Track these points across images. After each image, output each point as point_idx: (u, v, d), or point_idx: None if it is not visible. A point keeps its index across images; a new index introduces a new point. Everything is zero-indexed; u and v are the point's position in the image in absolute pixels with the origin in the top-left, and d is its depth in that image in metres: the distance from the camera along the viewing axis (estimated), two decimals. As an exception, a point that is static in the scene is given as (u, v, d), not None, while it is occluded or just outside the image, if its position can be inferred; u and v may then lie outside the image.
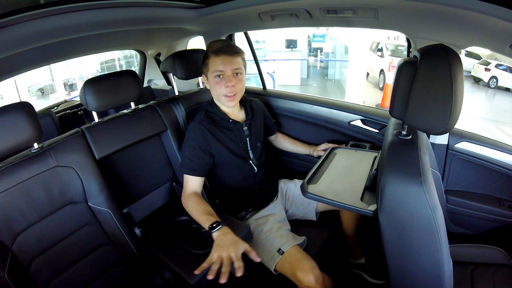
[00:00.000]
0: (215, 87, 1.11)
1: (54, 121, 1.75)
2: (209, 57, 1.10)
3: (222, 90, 1.10)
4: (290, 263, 1.03)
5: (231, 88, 1.09)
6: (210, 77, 1.12)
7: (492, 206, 1.18)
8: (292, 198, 1.34)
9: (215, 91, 1.13)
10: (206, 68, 1.12)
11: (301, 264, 1.01)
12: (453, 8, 0.84)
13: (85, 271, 0.99)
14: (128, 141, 1.15)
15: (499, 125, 6.02)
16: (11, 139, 0.85)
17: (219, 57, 1.08)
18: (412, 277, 0.71)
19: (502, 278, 0.93)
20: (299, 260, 1.03)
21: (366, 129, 1.41)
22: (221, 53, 1.08)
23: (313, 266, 1.01)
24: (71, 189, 0.98)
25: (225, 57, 1.08)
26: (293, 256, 1.05)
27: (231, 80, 1.08)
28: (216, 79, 1.10)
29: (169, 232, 1.06)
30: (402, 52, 7.70)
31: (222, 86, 1.09)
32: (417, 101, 0.66)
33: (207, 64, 1.11)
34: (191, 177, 1.11)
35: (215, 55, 1.09)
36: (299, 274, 0.99)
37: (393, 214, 0.67)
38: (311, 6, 1.13)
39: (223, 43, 1.10)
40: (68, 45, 1.38)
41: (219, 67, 1.08)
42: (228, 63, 1.08)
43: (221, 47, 1.08)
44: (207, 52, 1.12)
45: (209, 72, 1.11)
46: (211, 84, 1.13)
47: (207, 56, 1.12)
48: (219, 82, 1.09)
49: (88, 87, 1.05)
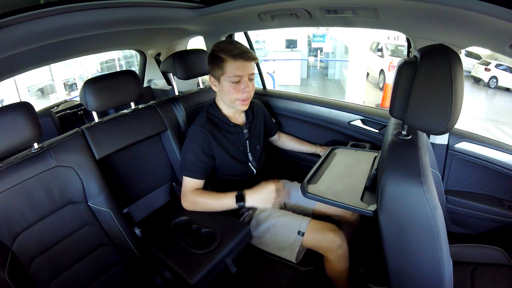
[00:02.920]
0: (230, 91, 1.08)
1: (54, 121, 1.75)
2: (225, 61, 1.05)
3: (239, 95, 1.08)
4: (315, 235, 1.08)
5: (247, 93, 1.09)
6: (224, 81, 1.08)
7: (492, 206, 1.18)
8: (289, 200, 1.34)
9: (229, 95, 1.10)
10: (221, 71, 1.07)
11: (326, 228, 1.08)
12: (453, 8, 0.84)
13: (85, 271, 0.99)
14: (128, 141, 1.15)
15: (499, 125, 6.02)
16: (11, 139, 0.85)
17: (238, 62, 1.05)
18: (412, 277, 0.71)
19: (502, 278, 0.93)
20: (323, 227, 1.09)
21: (366, 129, 1.41)
22: (240, 58, 1.05)
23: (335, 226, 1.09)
24: (71, 189, 0.98)
25: (244, 62, 1.06)
26: (315, 227, 1.09)
27: (248, 86, 1.08)
28: (232, 84, 1.07)
29: (169, 232, 1.06)
30: (402, 52, 7.69)
31: (239, 91, 1.08)
32: (417, 101, 0.66)
33: (223, 68, 1.06)
34: (193, 180, 1.11)
35: (234, 59, 1.05)
36: (329, 236, 1.06)
37: (393, 214, 0.67)
38: (311, 6, 1.13)
39: (241, 47, 1.07)
40: (68, 45, 1.38)
41: (237, 72, 1.05)
42: (246, 68, 1.06)
43: (241, 52, 1.05)
44: (221, 54, 1.07)
45: (224, 75, 1.07)
46: (225, 88, 1.09)
47: (222, 58, 1.06)
48: (236, 87, 1.07)
49: (88, 87, 1.05)
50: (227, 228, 1.02)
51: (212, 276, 0.93)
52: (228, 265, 0.96)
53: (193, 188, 1.11)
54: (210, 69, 1.12)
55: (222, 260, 0.94)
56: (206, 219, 1.08)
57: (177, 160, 1.28)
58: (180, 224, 1.11)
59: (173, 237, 1.03)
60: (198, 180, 1.11)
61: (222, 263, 0.95)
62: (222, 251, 0.94)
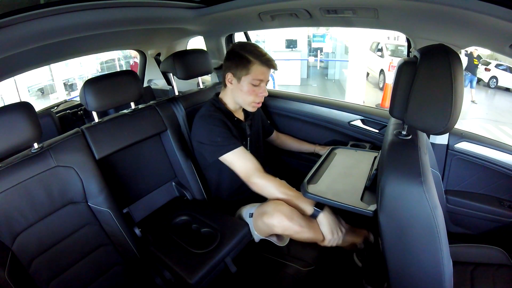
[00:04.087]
0: (248, 93, 1.13)
1: (54, 121, 1.75)
2: (252, 63, 1.10)
3: (255, 98, 1.14)
4: (259, 218, 1.04)
5: (262, 97, 1.15)
6: (245, 82, 1.12)
7: (492, 206, 1.18)
8: None
9: (246, 96, 1.14)
10: (245, 71, 1.10)
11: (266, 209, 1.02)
12: (453, 8, 0.84)
13: (85, 271, 0.99)
14: (128, 141, 1.15)
15: (499, 125, 6.02)
16: (11, 139, 0.85)
17: (264, 68, 1.10)
18: (412, 277, 0.71)
19: (502, 278, 0.93)
20: (265, 207, 1.03)
21: (366, 129, 1.41)
22: (267, 64, 1.10)
23: (279, 204, 1.00)
24: (71, 189, 0.98)
25: (268, 69, 1.12)
26: (260, 210, 1.05)
27: (265, 91, 1.14)
28: (252, 86, 1.12)
29: (169, 232, 1.06)
30: (402, 52, 7.69)
31: (257, 94, 1.13)
32: (417, 101, 0.66)
33: (248, 69, 1.10)
34: (237, 150, 1.09)
35: (262, 63, 1.10)
36: (265, 220, 1.00)
37: (393, 214, 0.67)
38: (311, 6, 1.13)
39: (267, 54, 1.12)
40: (68, 45, 1.38)
41: (261, 76, 1.11)
42: (267, 75, 1.13)
43: (269, 59, 1.11)
44: (249, 55, 1.10)
45: (247, 76, 1.11)
46: (244, 88, 1.13)
47: (249, 60, 1.09)
48: (255, 90, 1.12)
49: (88, 87, 1.05)
50: (227, 228, 1.02)
51: (212, 275, 0.93)
52: (228, 264, 0.96)
53: (251, 163, 1.09)
54: (230, 66, 1.14)
55: (222, 260, 0.94)
56: (206, 219, 1.08)
57: (177, 160, 1.28)
58: (180, 224, 1.11)
59: (173, 237, 1.03)
60: (239, 147, 1.10)
61: (222, 262, 0.95)
62: (222, 250, 0.94)
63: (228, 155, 1.09)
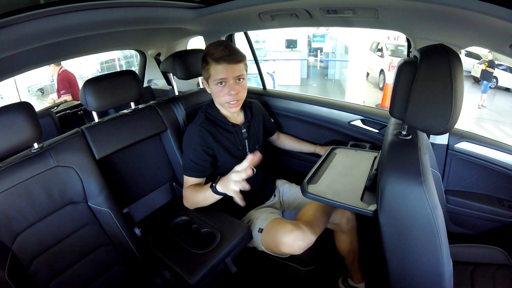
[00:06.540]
0: (217, 94, 1.09)
1: (54, 121, 1.75)
2: (209, 64, 1.06)
3: (226, 98, 1.08)
4: (270, 235, 1.01)
5: (234, 96, 1.07)
6: (212, 85, 1.09)
7: (492, 206, 1.18)
8: (288, 200, 1.34)
9: (218, 98, 1.11)
10: (207, 74, 1.08)
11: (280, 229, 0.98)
12: (453, 8, 0.84)
13: (85, 271, 0.99)
14: (128, 141, 1.15)
15: (499, 125, 6.02)
16: (11, 139, 0.85)
17: (221, 65, 1.04)
18: (412, 277, 0.71)
19: (502, 278, 0.93)
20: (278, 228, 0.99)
21: (366, 129, 1.41)
22: (222, 61, 1.03)
23: (294, 224, 0.96)
24: (71, 189, 0.98)
25: (227, 65, 1.04)
26: (272, 228, 1.02)
27: (234, 89, 1.06)
28: (218, 87, 1.07)
29: (169, 232, 1.06)
30: (402, 52, 7.69)
31: (225, 94, 1.07)
32: (417, 101, 0.66)
33: (208, 71, 1.07)
34: (193, 179, 1.11)
35: (216, 63, 1.04)
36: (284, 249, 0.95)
37: (393, 214, 0.67)
38: (311, 6, 1.13)
39: (224, 50, 1.04)
40: (68, 45, 1.38)
41: (220, 75, 1.05)
42: (230, 71, 1.04)
43: (222, 56, 1.03)
44: (206, 57, 1.07)
45: (210, 79, 1.08)
46: (213, 91, 1.11)
47: (207, 61, 1.06)
48: (222, 90, 1.07)
49: (88, 87, 1.05)
50: (227, 228, 1.02)
51: (212, 276, 0.93)
52: (228, 265, 0.96)
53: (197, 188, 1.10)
54: (202, 71, 1.12)
55: (222, 260, 0.94)
56: (206, 219, 1.08)
57: (177, 160, 1.28)
58: (180, 224, 1.11)
59: (173, 237, 1.03)
60: (199, 178, 1.11)
61: (222, 263, 0.95)
62: (222, 251, 0.94)
63: (186, 178, 1.12)
